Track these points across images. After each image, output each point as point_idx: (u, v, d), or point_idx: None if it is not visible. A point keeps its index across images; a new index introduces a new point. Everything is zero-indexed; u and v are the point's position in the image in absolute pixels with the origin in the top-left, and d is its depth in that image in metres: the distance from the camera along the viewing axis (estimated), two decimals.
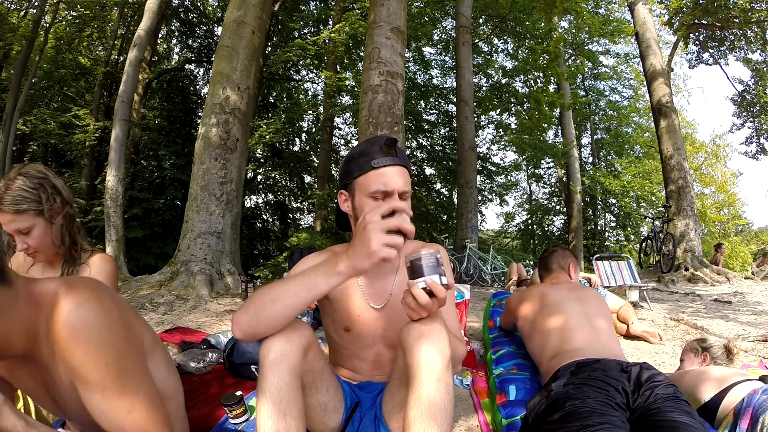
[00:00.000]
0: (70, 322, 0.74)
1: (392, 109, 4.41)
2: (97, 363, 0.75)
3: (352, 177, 1.15)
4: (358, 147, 1.18)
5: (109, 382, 0.77)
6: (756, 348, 2.80)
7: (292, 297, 0.93)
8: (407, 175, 1.15)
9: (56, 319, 0.74)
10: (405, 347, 0.98)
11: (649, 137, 15.63)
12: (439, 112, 15.22)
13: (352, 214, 1.19)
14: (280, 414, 0.93)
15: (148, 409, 0.81)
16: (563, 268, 2.08)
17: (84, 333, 0.74)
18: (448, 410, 0.93)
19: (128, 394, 0.79)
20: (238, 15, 5.45)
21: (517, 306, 1.95)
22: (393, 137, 1.13)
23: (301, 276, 0.94)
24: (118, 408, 0.78)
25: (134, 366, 0.83)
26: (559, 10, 7.75)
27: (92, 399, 0.77)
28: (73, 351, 0.74)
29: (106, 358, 0.76)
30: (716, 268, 7.75)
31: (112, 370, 0.77)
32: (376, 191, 1.10)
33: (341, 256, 0.91)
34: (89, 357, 0.74)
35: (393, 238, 0.87)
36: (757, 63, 9.93)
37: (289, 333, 0.99)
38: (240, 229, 6.48)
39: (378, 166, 1.10)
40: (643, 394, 1.27)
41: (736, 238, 20.55)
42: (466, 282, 7.14)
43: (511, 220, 18.85)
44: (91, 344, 0.75)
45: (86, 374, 0.75)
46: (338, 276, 0.91)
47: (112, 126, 7.80)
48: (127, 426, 0.79)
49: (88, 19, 11.80)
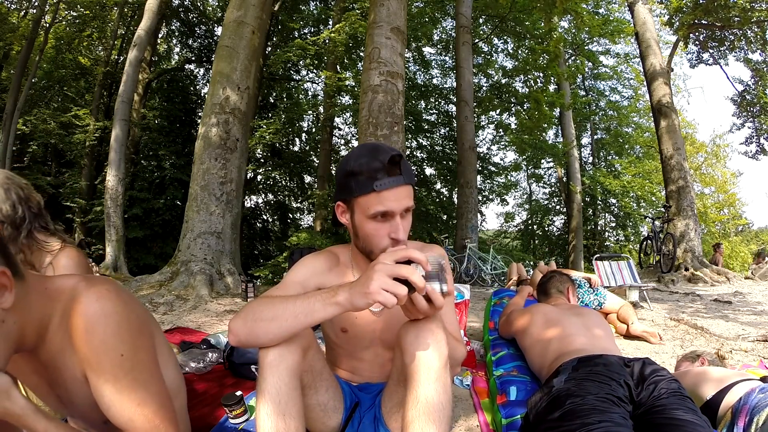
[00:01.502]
0: (89, 312, 0.76)
1: (392, 109, 4.41)
2: (112, 353, 0.76)
3: (351, 195, 1.08)
4: (360, 160, 1.06)
5: (122, 373, 0.78)
6: (756, 348, 2.80)
7: (290, 319, 0.92)
8: (411, 191, 1.09)
9: (75, 309, 0.76)
10: (403, 347, 0.98)
11: (649, 137, 15.62)
12: (439, 112, 15.22)
13: (351, 229, 1.15)
14: (279, 414, 0.93)
15: (157, 404, 0.82)
16: (562, 292, 2.18)
17: (102, 323, 0.76)
18: (446, 410, 0.93)
19: (139, 387, 0.80)
20: (238, 15, 5.45)
21: (516, 323, 1.98)
22: (398, 153, 1.05)
23: (302, 298, 0.93)
24: (129, 400, 0.78)
25: (147, 360, 0.84)
26: (559, 10, 7.75)
27: (104, 390, 0.77)
28: (90, 340, 0.75)
29: (122, 349, 0.78)
30: (716, 268, 7.75)
31: (126, 362, 0.78)
32: (376, 213, 1.05)
33: (342, 289, 0.91)
34: (105, 347, 0.76)
35: (395, 286, 0.84)
36: (757, 63, 9.92)
37: None
38: (240, 229, 6.48)
39: (381, 189, 1.02)
40: (647, 387, 1.26)
41: (736, 238, 20.54)
42: (466, 282, 7.14)
43: (511, 220, 18.85)
44: (108, 335, 0.76)
45: (101, 364, 0.76)
46: (335, 306, 0.90)
47: (112, 126, 7.81)
48: (136, 419, 0.79)
49: (88, 19, 11.81)
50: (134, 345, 0.81)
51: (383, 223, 1.06)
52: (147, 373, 0.83)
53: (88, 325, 0.76)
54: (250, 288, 4.22)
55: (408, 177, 1.07)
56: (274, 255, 11.99)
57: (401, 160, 1.05)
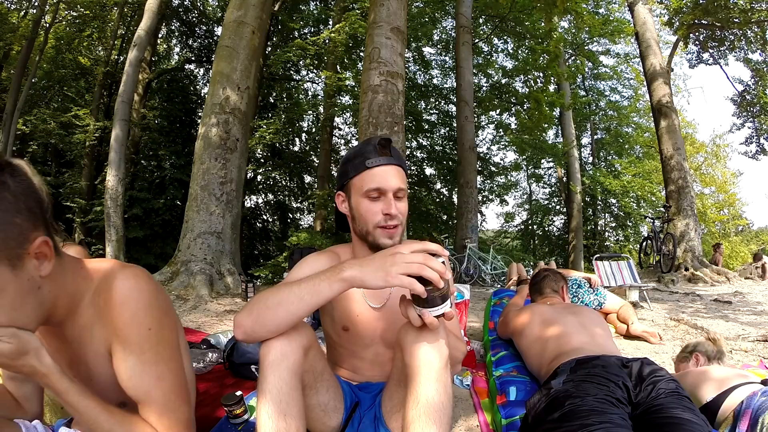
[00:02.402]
0: (124, 287, 0.83)
1: (392, 109, 4.41)
2: (141, 326, 0.82)
3: (348, 178, 1.16)
4: (354, 148, 1.19)
5: (148, 346, 0.83)
6: (756, 348, 2.80)
7: (296, 302, 0.93)
8: (402, 174, 1.16)
9: (111, 284, 0.83)
10: (403, 347, 0.98)
11: (649, 137, 15.62)
12: (439, 112, 15.21)
13: (350, 214, 1.20)
14: (280, 414, 0.93)
15: (174, 381, 0.87)
16: (557, 291, 2.16)
17: (134, 298, 0.82)
18: (446, 410, 0.93)
19: (161, 362, 0.85)
20: (238, 15, 5.45)
21: (514, 323, 1.97)
22: (387, 137, 1.14)
23: (306, 281, 0.94)
24: (150, 373, 0.83)
25: (170, 339, 0.89)
26: (559, 10, 7.75)
27: (127, 361, 0.82)
28: (122, 312, 0.81)
29: (150, 323, 0.83)
30: (716, 268, 7.75)
31: (153, 336, 0.84)
32: (369, 189, 1.11)
33: (348, 265, 0.92)
34: (135, 320, 0.82)
35: (411, 280, 0.85)
36: (757, 63, 9.93)
37: (289, 333, 0.99)
38: (240, 229, 6.48)
39: (372, 165, 1.11)
40: (645, 388, 1.26)
41: (736, 238, 20.55)
42: (466, 282, 7.14)
43: (511, 220, 18.83)
44: (140, 309, 0.82)
45: (129, 335, 0.81)
46: (342, 283, 0.91)
47: (112, 126, 7.80)
48: (154, 392, 0.84)
49: (88, 19, 11.80)
50: (161, 322, 0.86)
51: (377, 201, 1.13)
52: (170, 350, 0.88)
53: (122, 298, 0.82)
54: (250, 288, 4.23)
55: (398, 159, 1.15)
56: (274, 255, 11.98)
57: (390, 143, 1.14)
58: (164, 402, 0.85)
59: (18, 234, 0.70)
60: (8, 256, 0.69)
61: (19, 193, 0.71)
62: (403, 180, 1.15)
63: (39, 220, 0.74)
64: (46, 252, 0.75)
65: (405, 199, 1.16)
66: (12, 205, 0.69)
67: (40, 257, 0.74)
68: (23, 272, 0.72)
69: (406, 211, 1.17)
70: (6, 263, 0.69)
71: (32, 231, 0.72)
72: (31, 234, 0.72)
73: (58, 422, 1.13)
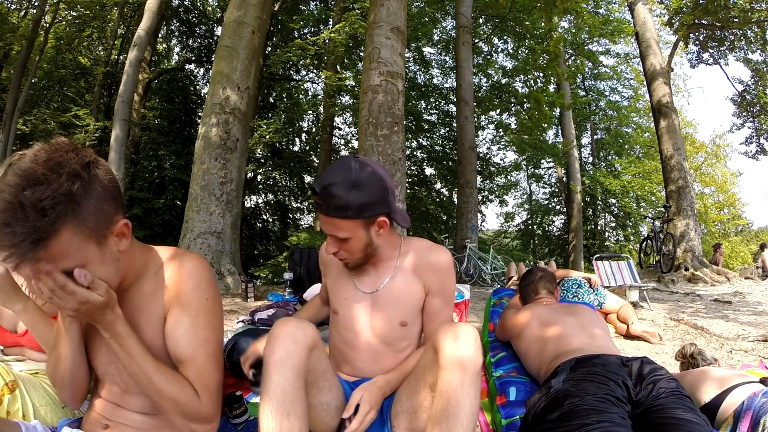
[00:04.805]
0: (192, 263, 0.99)
1: (392, 109, 4.41)
2: (201, 295, 0.98)
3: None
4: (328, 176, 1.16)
5: (203, 312, 0.97)
6: (756, 348, 2.81)
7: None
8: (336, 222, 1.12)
9: (181, 260, 1.00)
10: (438, 348, 0.99)
11: (649, 137, 15.62)
12: (439, 112, 15.21)
13: None
14: (283, 413, 0.94)
15: (215, 348, 1.00)
16: (552, 292, 2.15)
17: (201, 271, 0.99)
18: (475, 416, 0.96)
19: (210, 328, 0.99)
20: (238, 15, 5.45)
21: (512, 325, 1.97)
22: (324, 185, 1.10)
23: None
24: (200, 335, 0.97)
25: (219, 312, 1.03)
26: (559, 10, 7.76)
27: (183, 322, 0.96)
28: (188, 281, 0.97)
29: (208, 295, 0.99)
30: (716, 268, 7.75)
31: (209, 305, 0.99)
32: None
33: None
34: (199, 288, 0.98)
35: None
36: (757, 63, 9.93)
37: (294, 333, 1.00)
38: (240, 229, 6.48)
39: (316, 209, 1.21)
40: (645, 387, 1.26)
41: (736, 238, 20.56)
42: (466, 282, 7.15)
43: (511, 220, 18.83)
44: (203, 281, 0.99)
45: (190, 300, 0.97)
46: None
47: (112, 126, 7.81)
48: (199, 352, 0.96)
49: (88, 19, 11.80)
50: (215, 297, 1.01)
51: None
52: (217, 321, 1.01)
53: (191, 270, 0.98)
54: (250, 288, 4.22)
55: (328, 209, 1.10)
56: (274, 255, 11.99)
57: (320, 193, 1.10)
58: (205, 363, 0.97)
59: (106, 218, 0.84)
60: (97, 235, 0.83)
61: (107, 183, 0.84)
62: (338, 228, 1.12)
63: (120, 205, 0.89)
64: (125, 232, 0.90)
65: (352, 240, 1.14)
66: (102, 194, 0.83)
67: (120, 236, 0.89)
68: (106, 248, 0.86)
69: (355, 249, 1.16)
70: (94, 241, 0.83)
71: (115, 214, 0.87)
72: (115, 217, 0.87)
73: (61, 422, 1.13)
